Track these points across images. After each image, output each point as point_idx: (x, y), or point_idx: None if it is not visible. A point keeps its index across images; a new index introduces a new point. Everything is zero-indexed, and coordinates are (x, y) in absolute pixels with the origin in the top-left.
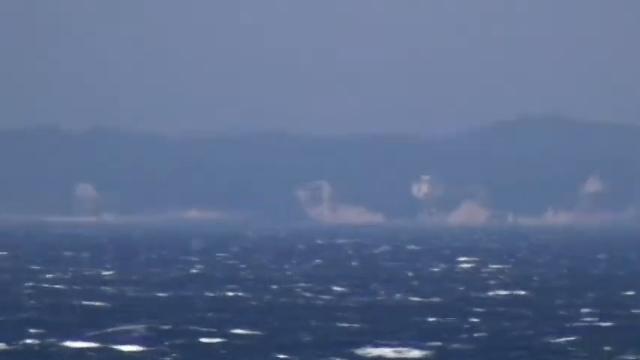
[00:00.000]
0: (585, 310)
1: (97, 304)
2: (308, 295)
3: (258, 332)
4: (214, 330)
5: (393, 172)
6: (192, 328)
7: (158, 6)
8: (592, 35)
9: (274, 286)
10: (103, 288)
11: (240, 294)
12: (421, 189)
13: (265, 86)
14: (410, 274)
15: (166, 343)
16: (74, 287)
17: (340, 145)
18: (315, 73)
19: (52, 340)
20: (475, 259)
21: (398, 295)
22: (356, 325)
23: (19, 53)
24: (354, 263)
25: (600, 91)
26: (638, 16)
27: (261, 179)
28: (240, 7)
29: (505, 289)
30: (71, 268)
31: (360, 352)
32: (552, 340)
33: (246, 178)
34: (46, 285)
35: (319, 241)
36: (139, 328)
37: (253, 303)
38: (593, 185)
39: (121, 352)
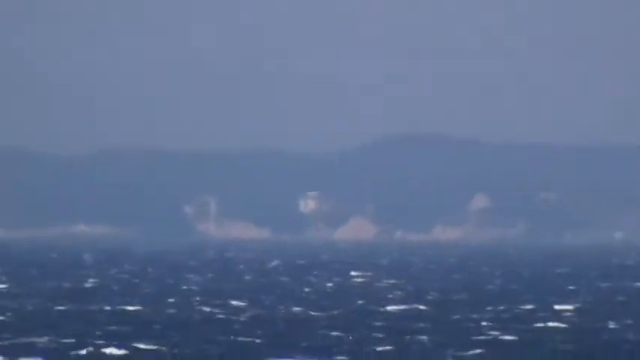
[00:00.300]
0: (485, 324)
1: None
2: (206, 309)
3: (162, 346)
4: (117, 343)
5: (280, 188)
6: (95, 341)
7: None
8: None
9: (171, 300)
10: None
11: (139, 308)
12: (308, 205)
13: (144, 105)
14: (307, 289)
15: (72, 353)
16: None
17: (228, 161)
18: (195, 87)
19: None
20: (368, 273)
21: (296, 309)
22: (258, 340)
23: None
24: (247, 277)
25: (486, 112)
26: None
27: (148, 194)
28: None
29: (403, 304)
30: None
31: None
32: (457, 354)
33: (134, 194)
34: None
35: (210, 256)
36: (42, 340)
37: (154, 317)
38: (480, 202)
39: None
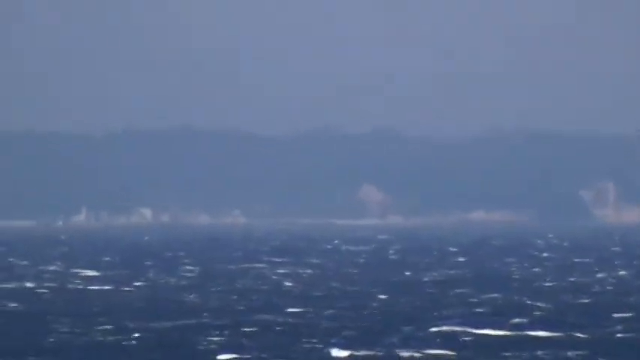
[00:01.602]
0: None
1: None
2: None
3: None
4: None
5: None
6: None
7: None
8: None
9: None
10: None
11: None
12: None
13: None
14: None
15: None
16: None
17: (624, 145)
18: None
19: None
20: None
21: None
22: None
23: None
24: None
25: None
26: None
27: (543, 179)
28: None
29: None
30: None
31: None
32: None
33: (529, 179)
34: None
35: (621, 242)
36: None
37: None
38: None
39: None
